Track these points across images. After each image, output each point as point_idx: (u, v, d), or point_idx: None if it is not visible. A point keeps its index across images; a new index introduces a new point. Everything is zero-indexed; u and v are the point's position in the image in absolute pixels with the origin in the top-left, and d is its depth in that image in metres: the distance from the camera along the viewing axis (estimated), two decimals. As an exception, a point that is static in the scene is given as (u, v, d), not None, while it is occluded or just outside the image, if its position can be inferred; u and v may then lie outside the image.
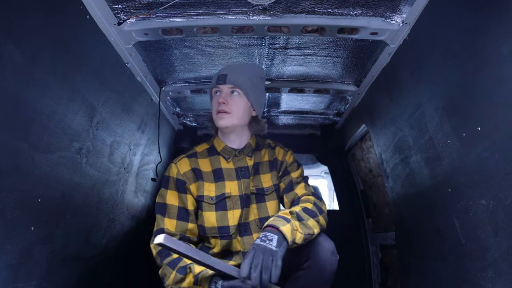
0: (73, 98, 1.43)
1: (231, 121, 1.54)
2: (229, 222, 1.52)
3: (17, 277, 1.25)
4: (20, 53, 1.10)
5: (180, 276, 1.33)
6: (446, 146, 1.39)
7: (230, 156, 1.61)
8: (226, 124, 1.53)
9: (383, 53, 1.74)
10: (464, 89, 1.25)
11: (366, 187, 2.89)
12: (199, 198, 1.54)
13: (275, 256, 1.21)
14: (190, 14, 1.51)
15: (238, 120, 1.56)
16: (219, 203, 1.53)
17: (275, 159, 1.69)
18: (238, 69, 1.61)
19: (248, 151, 1.64)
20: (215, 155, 1.62)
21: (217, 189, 1.55)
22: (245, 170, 1.60)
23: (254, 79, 1.60)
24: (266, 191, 1.62)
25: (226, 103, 1.53)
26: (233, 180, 1.58)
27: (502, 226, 1.11)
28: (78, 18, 1.34)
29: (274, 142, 1.78)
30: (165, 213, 1.50)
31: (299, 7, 1.46)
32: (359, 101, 2.30)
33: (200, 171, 1.57)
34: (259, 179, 1.62)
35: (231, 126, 1.56)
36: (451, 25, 1.28)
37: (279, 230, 1.30)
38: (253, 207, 1.58)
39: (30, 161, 1.24)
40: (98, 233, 1.88)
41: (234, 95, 1.55)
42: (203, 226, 1.53)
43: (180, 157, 1.62)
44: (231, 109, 1.53)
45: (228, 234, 1.51)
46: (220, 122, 1.53)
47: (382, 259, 2.69)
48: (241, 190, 1.56)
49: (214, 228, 1.52)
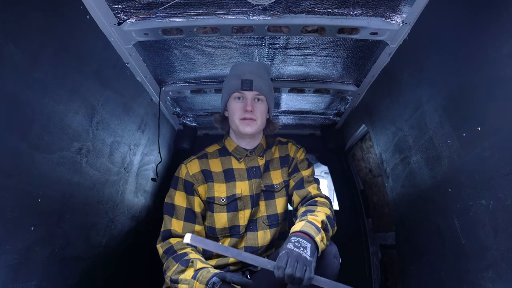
0: (73, 98, 1.43)
1: (256, 128, 1.56)
2: (239, 222, 1.52)
3: (17, 277, 1.25)
4: (20, 53, 1.09)
5: (182, 268, 1.34)
6: (446, 146, 1.39)
7: (242, 157, 1.62)
8: (252, 132, 1.55)
9: (383, 53, 1.73)
10: (464, 89, 1.25)
11: (366, 187, 2.89)
12: (209, 199, 1.54)
13: (309, 266, 1.17)
14: (190, 14, 1.51)
15: (261, 126, 1.60)
16: (230, 204, 1.54)
17: (287, 155, 1.68)
18: (260, 73, 1.59)
19: (259, 151, 1.65)
20: (226, 155, 1.63)
21: (228, 189, 1.55)
22: (256, 170, 1.60)
23: (270, 82, 1.63)
24: (276, 188, 1.61)
25: (253, 111, 1.54)
26: (244, 180, 1.58)
27: (502, 226, 1.11)
28: (78, 18, 1.34)
29: (286, 138, 1.77)
30: (172, 214, 1.51)
31: (299, 7, 1.46)
32: (359, 101, 2.30)
33: (210, 172, 1.58)
34: (269, 176, 1.62)
35: (255, 132, 1.58)
36: (451, 25, 1.28)
37: (313, 240, 1.26)
38: (261, 204, 1.58)
39: (30, 161, 1.24)
40: (98, 233, 1.88)
41: (258, 102, 1.57)
42: (214, 227, 1.53)
43: (191, 158, 1.63)
44: (256, 116, 1.55)
45: (238, 233, 1.53)
46: (247, 129, 1.54)
47: (382, 259, 2.69)
48: (252, 190, 1.57)
49: (226, 228, 1.53)
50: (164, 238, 1.49)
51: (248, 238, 1.53)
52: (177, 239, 1.47)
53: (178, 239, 1.47)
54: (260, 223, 1.56)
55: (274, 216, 1.56)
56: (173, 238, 1.47)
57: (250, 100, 1.55)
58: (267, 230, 1.56)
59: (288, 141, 1.74)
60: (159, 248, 1.48)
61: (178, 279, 1.32)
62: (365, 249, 2.89)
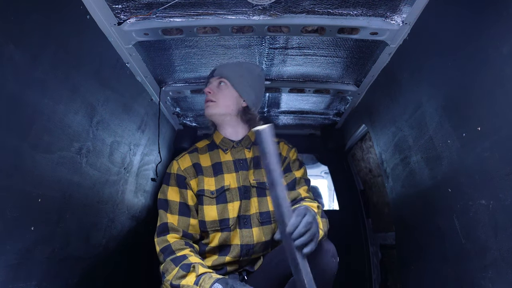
0: (73, 98, 1.43)
1: (217, 110, 1.60)
2: (229, 215, 1.52)
3: (17, 277, 1.25)
4: (20, 53, 1.09)
5: (183, 273, 1.33)
6: (446, 146, 1.39)
7: (228, 148, 1.64)
8: (211, 112, 1.61)
9: (383, 53, 1.73)
10: (464, 89, 1.25)
11: (366, 187, 2.89)
12: (199, 192, 1.55)
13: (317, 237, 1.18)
14: (190, 14, 1.51)
15: (224, 108, 1.61)
16: (219, 196, 1.55)
17: (278, 154, 1.69)
18: (228, 64, 1.69)
19: (246, 143, 1.66)
20: (214, 149, 1.66)
21: (217, 182, 1.57)
22: (243, 162, 1.62)
23: (243, 72, 1.66)
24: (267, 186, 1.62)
25: (212, 93, 1.61)
26: (232, 172, 1.60)
27: (502, 226, 1.11)
28: (78, 18, 1.34)
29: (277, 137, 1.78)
30: (167, 209, 1.52)
31: (299, 7, 1.46)
32: (359, 101, 2.30)
33: (200, 166, 1.60)
34: (260, 174, 1.63)
35: (217, 114, 1.62)
36: (451, 25, 1.28)
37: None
38: (254, 201, 1.59)
39: (30, 161, 1.24)
40: (98, 233, 1.88)
41: (221, 86, 1.63)
42: (204, 220, 1.53)
43: (182, 154, 1.66)
44: (216, 98, 1.60)
45: (228, 226, 1.52)
46: (206, 111, 1.62)
47: (382, 259, 2.69)
48: (239, 182, 1.58)
49: (216, 221, 1.52)
50: (160, 232, 1.49)
51: (243, 235, 1.53)
52: (175, 236, 1.47)
53: (175, 236, 1.47)
54: (254, 220, 1.56)
55: (266, 213, 1.57)
56: (170, 235, 1.47)
57: (212, 85, 1.64)
58: (261, 227, 1.56)
59: (280, 140, 1.75)
60: (156, 243, 1.48)
61: (180, 285, 1.32)
62: (365, 249, 2.89)
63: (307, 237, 1.11)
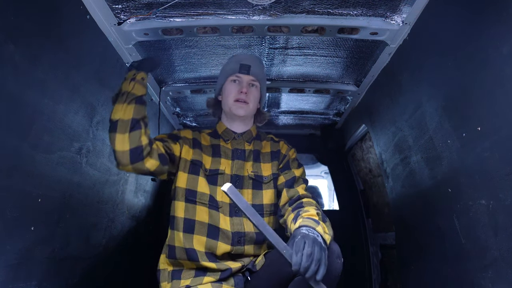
0: (73, 98, 1.43)
1: (248, 112, 1.63)
2: (217, 197, 1.53)
3: (17, 277, 1.25)
4: (20, 53, 1.09)
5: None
6: (446, 146, 1.39)
7: (230, 139, 1.67)
8: (244, 114, 1.62)
9: (383, 53, 1.74)
10: (464, 89, 1.25)
11: (366, 187, 2.89)
12: (196, 162, 1.56)
13: (325, 252, 1.18)
14: (190, 14, 1.51)
15: (253, 111, 1.67)
16: (211, 176, 1.56)
17: (278, 151, 1.72)
18: (257, 62, 1.68)
19: (247, 137, 1.69)
20: (216, 137, 1.69)
21: (213, 163, 1.59)
22: (241, 152, 1.64)
23: (264, 74, 1.70)
24: (265, 180, 1.63)
25: (247, 94, 1.61)
26: (228, 159, 1.62)
27: (502, 226, 1.11)
28: (78, 18, 1.34)
29: (278, 137, 1.80)
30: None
31: (299, 7, 1.46)
32: (359, 101, 2.30)
33: (199, 143, 1.63)
34: (259, 167, 1.64)
35: (246, 116, 1.65)
36: (451, 25, 1.28)
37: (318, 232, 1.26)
38: (248, 192, 1.59)
39: (30, 161, 1.24)
40: (98, 233, 1.88)
41: (253, 87, 1.64)
42: (195, 190, 1.53)
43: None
44: (249, 99, 1.61)
45: (217, 207, 1.52)
46: (239, 111, 1.61)
47: (382, 259, 2.69)
48: (233, 170, 1.59)
49: (206, 195, 1.52)
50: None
51: (234, 223, 1.53)
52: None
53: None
54: None
55: (259, 206, 1.57)
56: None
57: (245, 83, 1.62)
58: None
59: (280, 139, 1.78)
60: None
61: (113, 107, 1.40)
62: (365, 249, 2.89)
63: (313, 268, 1.12)
